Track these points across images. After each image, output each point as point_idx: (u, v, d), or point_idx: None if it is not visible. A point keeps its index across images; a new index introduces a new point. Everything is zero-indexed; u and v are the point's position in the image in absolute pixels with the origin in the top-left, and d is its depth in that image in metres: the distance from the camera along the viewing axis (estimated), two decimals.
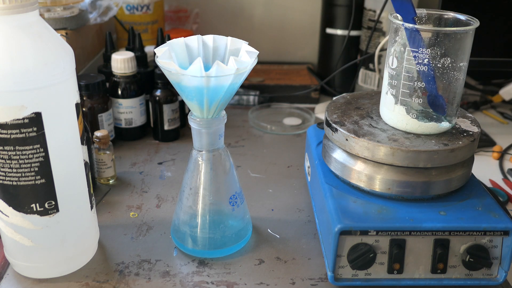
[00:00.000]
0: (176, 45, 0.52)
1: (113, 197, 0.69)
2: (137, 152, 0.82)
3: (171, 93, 0.82)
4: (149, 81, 0.85)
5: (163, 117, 0.83)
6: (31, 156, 0.47)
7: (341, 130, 0.55)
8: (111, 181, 0.72)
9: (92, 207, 0.56)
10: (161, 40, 0.88)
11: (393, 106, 0.55)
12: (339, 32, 1.04)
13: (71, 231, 0.53)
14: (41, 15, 0.79)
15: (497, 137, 0.89)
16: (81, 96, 0.76)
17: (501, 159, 0.83)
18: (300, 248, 0.60)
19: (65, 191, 0.51)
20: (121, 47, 1.00)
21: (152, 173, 0.75)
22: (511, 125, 0.96)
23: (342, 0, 1.01)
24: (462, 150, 0.52)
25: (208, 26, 1.20)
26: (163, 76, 0.80)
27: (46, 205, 0.50)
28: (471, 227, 0.50)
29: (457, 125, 0.57)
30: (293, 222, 0.64)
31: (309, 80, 1.09)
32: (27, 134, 0.46)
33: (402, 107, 0.54)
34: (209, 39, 0.54)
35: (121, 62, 0.80)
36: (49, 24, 0.49)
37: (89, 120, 0.77)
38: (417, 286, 0.52)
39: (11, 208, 0.49)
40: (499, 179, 0.77)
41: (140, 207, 0.67)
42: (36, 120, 0.46)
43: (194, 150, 0.56)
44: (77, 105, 0.51)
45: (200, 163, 0.56)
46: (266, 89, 1.04)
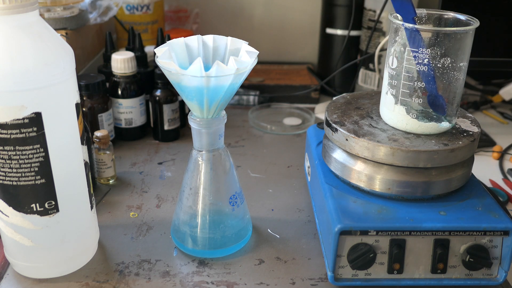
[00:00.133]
0: (176, 45, 0.52)
1: (113, 197, 0.69)
2: (137, 152, 0.82)
3: (171, 93, 0.82)
4: (149, 81, 0.85)
5: (163, 117, 0.83)
6: (31, 156, 0.47)
7: (341, 130, 0.55)
8: (111, 181, 0.72)
9: (92, 207, 0.56)
10: (161, 40, 0.88)
11: (393, 106, 0.55)
12: (339, 32, 1.04)
13: (71, 231, 0.53)
14: (41, 15, 0.79)
15: (497, 137, 0.89)
16: (81, 96, 0.76)
17: (501, 159, 0.83)
18: (300, 248, 0.59)
19: (65, 191, 0.50)
20: (121, 47, 1.00)
21: (152, 173, 0.75)
22: (511, 125, 0.96)
23: (342, 0, 1.01)
24: (462, 150, 0.52)
25: (208, 26, 1.20)
26: (163, 76, 0.80)
27: (46, 205, 0.50)
28: (471, 227, 0.50)
29: (457, 125, 0.56)
30: (293, 222, 0.64)
31: (309, 80, 1.09)
32: (27, 134, 0.46)
33: (402, 107, 0.54)
34: (209, 39, 0.54)
35: (121, 62, 0.80)
36: (49, 24, 0.49)
37: (89, 120, 0.77)
38: (417, 286, 0.52)
39: (11, 208, 0.49)
40: (499, 179, 0.77)
41: (140, 207, 0.67)
42: (36, 120, 0.46)
43: (194, 150, 0.56)
44: (77, 105, 0.51)
45: (200, 163, 0.56)
46: (266, 89, 1.04)
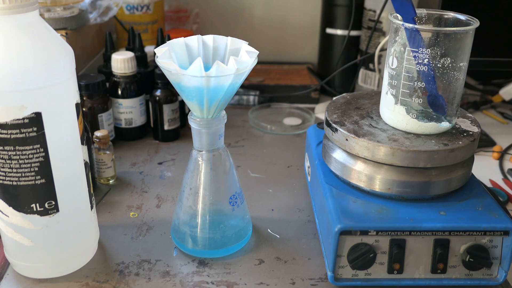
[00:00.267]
0: (176, 45, 0.52)
1: (113, 197, 0.69)
2: (137, 152, 0.82)
3: (171, 93, 0.82)
4: (149, 81, 0.85)
5: (163, 117, 0.83)
6: (31, 156, 0.47)
7: (341, 130, 0.55)
8: (111, 181, 0.72)
9: (92, 207, 0.56)
10: (161, 40, 0.88)
11: (393, 106, 0.55)
12: (339, 32, 1.04)
13: (71, 231, 0.53)
14: (41, 15, 0.79)
15: (497, 137, 0.89)
16: (81, 96, 0.76)
17: (501, 159, 0.83)
18: (300, 248, 0.59)
19: (65, 191, 0.50)
20: (121, 47, 1.00)
21: (152, 173, 0.75)
22: (511, 125, 0.96)
23: (342, 0, 1.01)
24: (462, 150, 0.52)
25: (208, 26, 1.20)
26: (163, 76, 0.80)
27: (46, 205, 0.50)
28: (471, 227, 0.50)
29: (457, 125, 0.56)
30: (293, 222, 0.64)
31: (309, 80, 1.09)
32: (27, 134, 0.46)
33: (402, 107, 0.54)
34: (209, 39, 0.54)
35: (121, 62, 0.80)
36: (49, 24, 0.49)
37: (89, 120, 0.77)
38: (417, 286, 0.52)
39: (11, 208, 0.49)
40: (499, 179, 0.77)
41: (140, 207, 0.67)
42: (36, 120, 0.46)
43: (194, 150, 0.56)
44: (77, 105, 0.51)
45: (200, 163, 0.56)
46: (266, 89, 1.04)
